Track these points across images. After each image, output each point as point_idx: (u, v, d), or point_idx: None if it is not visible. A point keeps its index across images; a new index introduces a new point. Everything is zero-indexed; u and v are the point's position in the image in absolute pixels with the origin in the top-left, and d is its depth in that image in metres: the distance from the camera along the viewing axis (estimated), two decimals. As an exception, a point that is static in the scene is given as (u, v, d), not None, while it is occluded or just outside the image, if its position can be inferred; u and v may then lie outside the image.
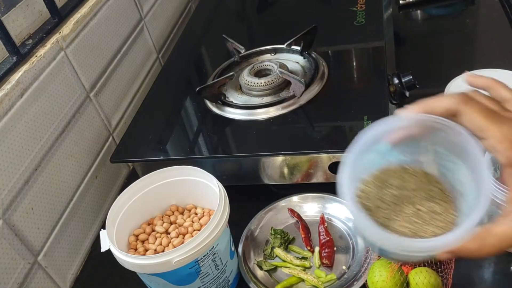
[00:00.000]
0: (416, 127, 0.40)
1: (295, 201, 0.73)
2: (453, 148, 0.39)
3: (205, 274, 0.60)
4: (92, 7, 0.85)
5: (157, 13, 1.09)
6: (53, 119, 0.74)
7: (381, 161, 0.42)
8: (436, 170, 0.42)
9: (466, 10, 1.10)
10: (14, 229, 0.65)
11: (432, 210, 0.40)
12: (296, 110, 0.77)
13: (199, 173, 0.66)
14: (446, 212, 0.40)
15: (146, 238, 0.66)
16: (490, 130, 0.36)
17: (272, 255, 0.69)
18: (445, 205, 0.40)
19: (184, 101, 0.88)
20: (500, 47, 0.95)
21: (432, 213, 0.40)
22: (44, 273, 0.70)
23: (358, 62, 0.88)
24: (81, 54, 0.81)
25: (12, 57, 0.69)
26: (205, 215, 0.68)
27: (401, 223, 0.40)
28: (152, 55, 1.07)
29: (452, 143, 0.39)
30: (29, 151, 0.68)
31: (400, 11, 1.13)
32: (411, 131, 0.40)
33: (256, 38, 1.05)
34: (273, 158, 0.72)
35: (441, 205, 0.40)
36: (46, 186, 0.71)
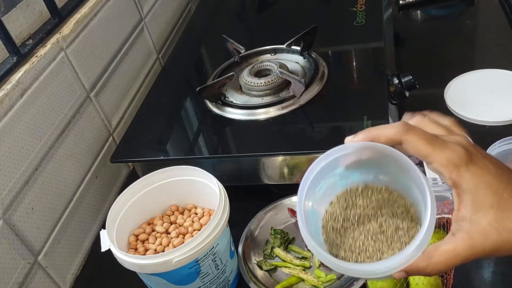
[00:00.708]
0: (366, 151, 0.41)
1: (295, 201, 0.73)
2: (401, 170, 0.41)
3: (205, 274, 0.60)
4: (92, 7, 0.85)
5: (157, 14, 1.09)
6: (53, 119, 0.74)
7: (345, 182, 0.43)
8: (399, 186, 0.42)
9: (466, 11, 1.10)
10: (14, 229, 0.65)
11: (396, 226, 0.41)
12: (296, 110, 0.77)
13: (199, 173, 0.66)
14: (410, 228, 0.40)
15: (146, 238, 0.66)
16: (433, 156, 0.37)
17: (272, 255, 0.69)
18: (408, 220, 0.41)
19: (184, 101, 0.88)
20: (500, 47, 0.95)
21: (397, 229, 0.41)
22: (44, 273, 0.70)
23: (358, 63, 0.88)
24: (81, 54, 0.81)
25: (13, 57, 0.69)
26: (205, 215, 0.68)
27: (369, 241, 0.41)
28: (152, 55, 1.07)
29: (399, 165, 0.40)
30: (29, 151, 0.69)
31: (400, 12, 1.13)
32: (361, 155, 0.42)
33: (256, 38, 1.05)
34: (273, 158, 0.72)
35: (405, 221, 0.41)
36: (46, 186, 0.71)
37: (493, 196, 0.36)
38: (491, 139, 0.74)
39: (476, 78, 0.89)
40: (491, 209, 0.36)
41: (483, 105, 0.83)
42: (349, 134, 0.69)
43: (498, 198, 0.36)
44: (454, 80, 0.89)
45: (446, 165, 0.37)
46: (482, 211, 0.36)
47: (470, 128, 0.79)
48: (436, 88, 0.88)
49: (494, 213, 0.36)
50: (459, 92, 0.86)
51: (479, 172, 0.36)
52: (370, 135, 0.40)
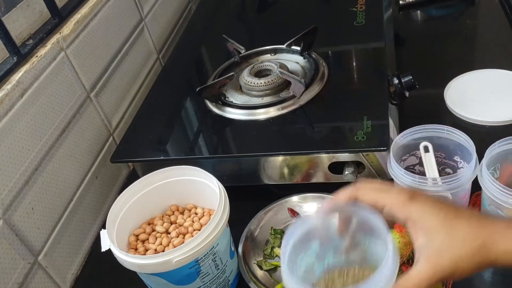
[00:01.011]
0: (333, 214, 0.48)
1: (295, 201, 0.73)
2: (365, 227, 0.47)
3: (205, 274, 0.60)
4: (92, 7, 0.85)
5: (157, 14, 1.09)
6: (53, 119, 0.74)
7: (321, 267, 0.50)
8: (367, 255, 0.49)
9: (466, 11, 1.10)
10: (14, 229, 0.65)
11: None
12: (296, 111, 0.77)
13: (199, 173, 0.66)
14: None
15: (146, 238, 0.66)
16: (383, 199, 0.44)
17: (272, 255, 0.69)
18: None
19: (184, 101, 0.88)
20: (500, 48, 0.95)
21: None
22: (44, 273, 0.70)
23: (358, 63, 0.88)
24: (81, 55, 0.81)
25: (13, 57, 0.69)
26: (205, 215, 0.68)
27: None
28: (152, 55, 1.07)
29: (362, 222, 0.47)
30: (29, 151, 0.69)
31: (400, 12, 1.13)
32: (329, 223, 0.49)
33: (256, 38, 1.05)
34: (273, 158, 0.72)
35: None
36: (46, 186, 0.71)
37: (439, 220, 0.41)
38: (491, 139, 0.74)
39: (476, 78, 0.89)
40: (441, 231, 0.41)
41: (483, 105, 0.83)
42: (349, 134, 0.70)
43: (444, 221, 0.41)
44: (454, 80, 0.89)
45: (394, 204, 0.43)
46: (434, 235, 0.41)
47: (470, 128, 0.80)
48: (436, 88, 0.88)
49: (444, 234, 0.41)
50: (459, 92, 0.86)
51: (423, 203, 0.43)
52: (334, 201, 0.48)
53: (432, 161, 0.61)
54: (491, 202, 0.58)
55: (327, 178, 0.73)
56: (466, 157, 0.63)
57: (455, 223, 0.41)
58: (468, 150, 0.61)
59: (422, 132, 0.65)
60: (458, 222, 0.41)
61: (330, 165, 0.71)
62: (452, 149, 0.66)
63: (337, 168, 0.71)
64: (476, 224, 0.41)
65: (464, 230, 0.41)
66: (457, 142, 0.64)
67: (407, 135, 0.65)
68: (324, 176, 0.72)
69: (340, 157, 0.69)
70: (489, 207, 0.59)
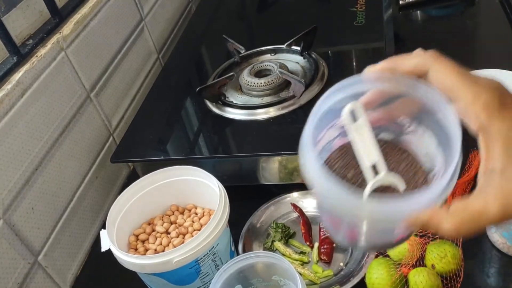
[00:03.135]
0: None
1: (296, 196, 0.74)
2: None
3: (205, 274, 0.60)
4: (92, 7, 0.85)
5: (157, 14, 1.09)
6: (53, 119, 0.74)
7: None
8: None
9: (466, 11, 1.10)
10: (14, 229, 0.65)
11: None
12: (296, 110, 0.77)
13: (199, 173, 0.66)
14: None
15: (147, 238, 0.66)
16: (461, 90, 0.32)
17: (272, 248, 0.69)
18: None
19: (184, 101, 0.88)
20: (500, 48, 0.95)
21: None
22: (44, 273, 0.70)
23: (358, 63, 0.88)
24: (81, 54, 0.81)
25: (13, 57, 0.69)
26: (205, 215, 0.68)
27: None
28: (152, 55, 1.07)
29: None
30: (29, 151, 0.69)
31: (400, 12, 1.13)
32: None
33: (256, 38, 1.05)
34: (273, 158, 0.72)
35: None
36: (46, 186, 0.71)
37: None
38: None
39: (476, 78, 0.88)
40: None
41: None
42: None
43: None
44: (454, 80, 0.88)
45: (474, 103, 0.31)
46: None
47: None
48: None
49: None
50: (459, 92, 0.86)
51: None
52: (391, 64, 0.36)
53: (366, 134, 0.35)
54: None
55: (327, 178, 0.72)
56: (424, 119, 0.38)
57: None
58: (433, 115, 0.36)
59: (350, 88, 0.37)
60: None
61: (330, 165, 0.70)
62: None
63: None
64: None
65: None
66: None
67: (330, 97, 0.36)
68: (324, 176, 0.72)
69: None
70: None
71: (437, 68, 0.33)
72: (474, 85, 0.32)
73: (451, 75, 0.32)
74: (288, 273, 0.53)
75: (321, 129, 0.38)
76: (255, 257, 0.55)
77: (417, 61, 0.34)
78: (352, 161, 0.37)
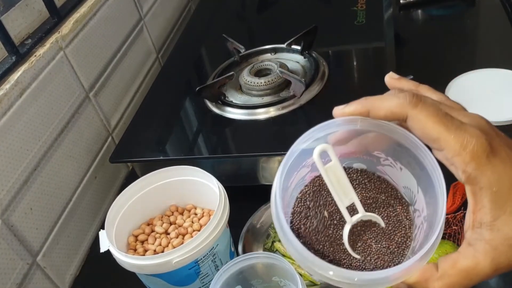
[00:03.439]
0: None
1: None
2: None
3: (205, 274, 0.60)
4: (91, 6, 0.84)
5: (156, 13, 1.09)
6: (52, 119, 0.74)
7: None
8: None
9: (467, 11, 1.10)
10: (13, 230, 0.64)
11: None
12: (296, 110, 0.77)
13: (199, 173, 0.65)
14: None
15: (146, 238, 0.66)
16: (446, 140, 0.29)
17: (272, 249, 0.69)
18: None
19: (184, 101, 0.88)
20: (501, 47, 0.95)
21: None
22: (42, 274, 0.69)
23: (358, 62, 0.88)
24: (80, 54, 0.81)
25: (11, 56, 0.69)
26: (205, 216, 0.67)
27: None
28: (151, 55, 1.06)
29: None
30: (28, 151, 0.68)
31: (401, 11, 1.13)
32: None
33: (256, 38, 1.05)
34: (273, 158, 0.72)
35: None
36: (45, 186, 0.71)
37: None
38: (492, 139, 0.74)
39: (477, 78, 0.88)
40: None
41: (484, 105, 0.82)
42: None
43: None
44: (455, 80, 0.88)
45: (461, 154, 0.29)
46: (505, 215, 0.29)
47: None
48: (436, 88, 0.87)
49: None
50: (460, 92, 0.86)
51: (502, 165, 0.29)
52: (366, 106, 0.33)
53: (339, 174, 0.34)
54: None
55: (327, 178, 0.72)
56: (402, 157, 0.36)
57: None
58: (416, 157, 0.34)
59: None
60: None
61: (330, 165, 0.70)
62: None
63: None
64: None
65: None
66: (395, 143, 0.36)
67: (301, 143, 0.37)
68: (324, 176, 0.72)
69: (340, 157, 0.69)
70: None
71: (417, 115, 0.30)
72: (460, 132, 0.29)
73: (433, 123, 0.30)
74: (289, 274, 0.53)
75: (292, 173, 0.36)
76: (255, 257, 0.55)
77: (394, 105, 0.31)
78: (327, 197, 0.36)
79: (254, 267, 0.56)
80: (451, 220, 0.65)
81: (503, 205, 0.29)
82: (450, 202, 0.67)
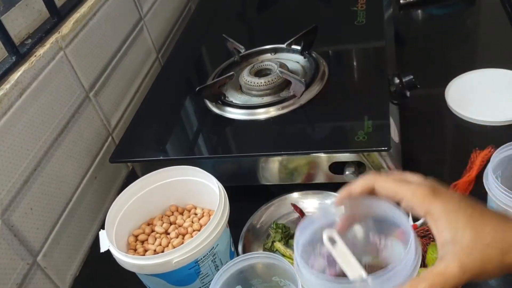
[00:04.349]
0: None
1: (296, 197, 0.74)
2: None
3: (205, 274, 0.60)
4: (91, 6, 0.84)
5: (156, 13, 1.09)
6: (52, 119, 0.74)
7: None
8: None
9: (467, 10, 1.10)
10: (13, 230, 0.64)
11: None
12: (296, 110, 0.77)
13: (199, 173, 0.65)
14: None
15: (146, 238, 0.66)
16: (401, 192, 0.41)
17: (272, 249, 0.69)
18: None
19: (184, 101, 0.88)
20: (501, 47, 0.95)
21: None
22: (43, 274, 0.69)
23: (358, 62, 0.88)
24: (80, 54, 0.81)
25: (11, 56, 0.69)
26: (205, 216, 0.67)
27: None
28: (151, 54, 1.06)
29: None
30: (28, 151, 0.68)
31: (401, 11, 1.13)
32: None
33: (256, 38, 1.05)
34: (273, 158, 0.72)
35: None
36: (45, 186, 0.71)
37: (464, 217, 0.39)
38: (492, 139, 0.74)
39: (477, 77, 0.88)
40: (466, 229, 0.38)
41: (484, 104, 0.82)
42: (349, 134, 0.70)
43: (471, 218, 0.38)
44: (455, 80, 0.88)
45: (414, 198, 0.40)
46: (461, 230, 0.38)
47: (471, 128, 0.80)
48: (437, 87, 0.88)
49: (473, 231, 0.38)
50: (460, 91, 0.86)
51: (446, 199, 0.40)
52: (349, 190, 0.45)
53: (345, 253, 0.44)
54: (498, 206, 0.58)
55: (327, 178, 0.72)
56: (384, 229, 0.47)
57: (483, 220, 0.38)
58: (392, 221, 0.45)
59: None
60: (486, 220, 0.39)
61: (330, 165, 0.70)
62: None
63: (337, 168, 0.71)
64: (503, 225, 0.39)
65: (493, 229, 0.38)
66: None
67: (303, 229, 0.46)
68: (324, 176, 0.72)
69: (340, 157, 0.69)
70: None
71: (379, 183, 0.43)
72: (409, 185, 0.41)
73: (390, 184, 0.43)
74: (288, 273, 0.53)
75: (309, 254, 0.47)
76: (255, 257, 0.55)
77: (364, 183, 0.44)
78: None
79: (254, 267, 0.56)
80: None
81: (455, 224, 0.38)
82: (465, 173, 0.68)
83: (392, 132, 0.68)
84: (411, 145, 0.78)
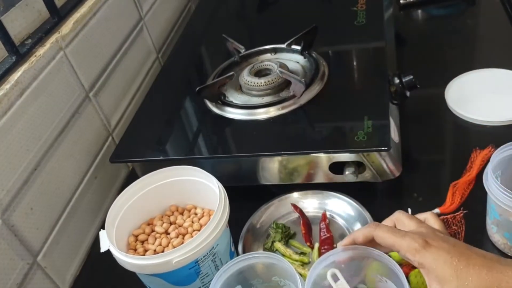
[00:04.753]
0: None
1: (296, 197, 0.74)
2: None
3: (205, 274, 0.60)
4: (91, 6, 0.84)
5: (156, 13, 1.09)
6: (52, 119, 0.74)
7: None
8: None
9: (467, 10, 1.10)
10: (13, 230, 0.64)
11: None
12: (296, 110, 0.77)
13: (199, 173, 0.65)
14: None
15: (146, 238, 0.66)
16: (398, 244, 0.47)
17: (272, 249, 0.69)
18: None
19: (184, 101, 0.88)
20: (501, 47, 0.95)
21: None
22: (43, 274, 0.69)
23: (358, 62, 0.88)
24: (80, 54, 0.81)
25: (11, 56, 0.69)
26: (205, 215, 0.67)
27: None
28: (151, 54, 1.06)
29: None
30: (28, 151, 0.68)
31: (401, 11, 1.13)
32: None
33: (256, 38, 1.05)
34: (273, 158, 0.72)
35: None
36: (45, 186, 0.71)
37: (451, 269, 0.44)
38: (492, 139, 0.74)
39: (477, 77, 0.88)
40: (452, 281, 0.44)
41: (484, 104, 0.82)
42: (349, 134, 0.70)
43: (456, 270, 0.44)
44: (455, 80, 0.88)
45: (408, 251, 0.46)
46: (446, 283, 0.44)
47: (471, 128, 0.80)
48: (437, 87, 0.88)
49: (455, 283, 0.44)
50: (460, 91, 0.86)
51: (436, 252, 0.45)
52: (351, 239, 0.51)
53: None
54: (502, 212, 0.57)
55: (327, 178, 0.72)
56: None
57: (466, 271, 0.44)
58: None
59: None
60: (469, 270, 0.44)
61: (330, 165, 0.70)
62: None
63: (337, 168, 0.71)
64: (486, 271, 0.43)
65: (476, 280, 0.43)
66: None
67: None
68: (324, 176, 0.72)
69: (340, 157, 0.69)
70: (500, 217, 0.58)
71: (378, 233, 0.49)
72: (404, 238, 0.47)
73: (388, 234, 0.48)
74: (288, 273, 0.53)
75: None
76: (255, 257, 0.55)
77: (364, 232, 0.50)
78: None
79: (254, 267, 0.56)
80: (450, 221, 0.65)
81: (444, 275, 0.44)
82: (449, 201, 0.67)
83: (392, 132, 0.68)
84: (411, 145, 0.78)
